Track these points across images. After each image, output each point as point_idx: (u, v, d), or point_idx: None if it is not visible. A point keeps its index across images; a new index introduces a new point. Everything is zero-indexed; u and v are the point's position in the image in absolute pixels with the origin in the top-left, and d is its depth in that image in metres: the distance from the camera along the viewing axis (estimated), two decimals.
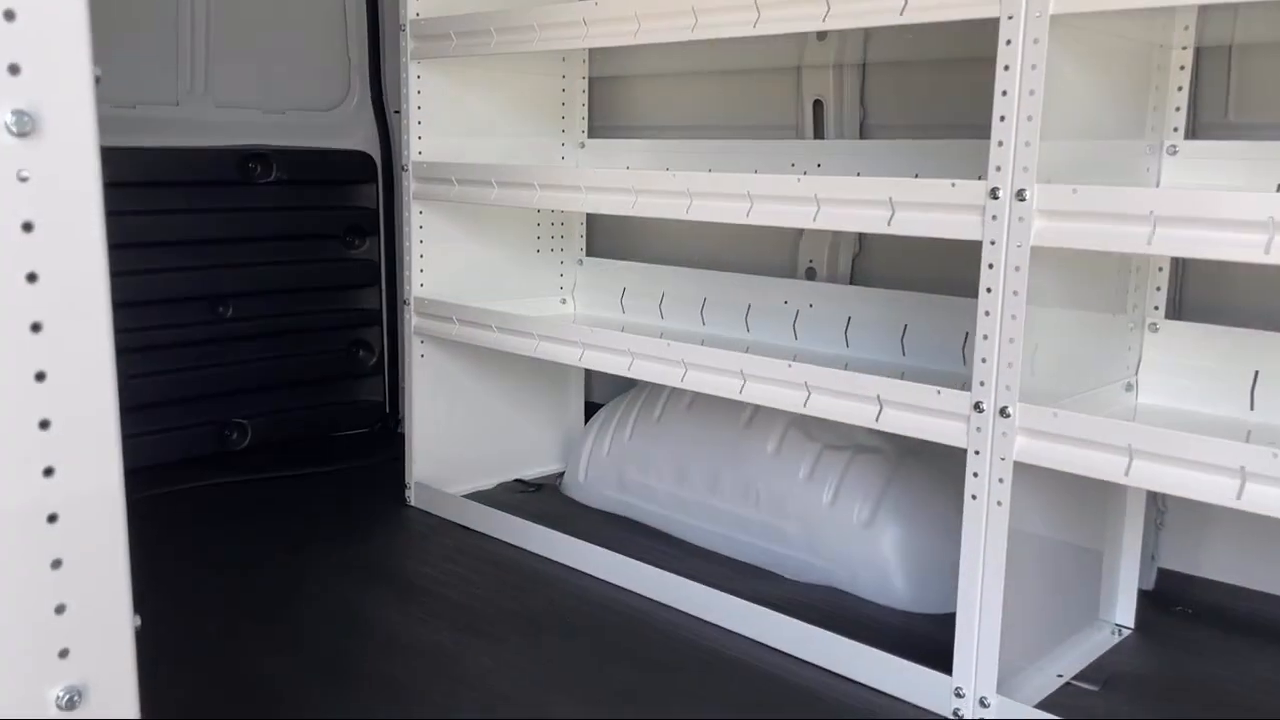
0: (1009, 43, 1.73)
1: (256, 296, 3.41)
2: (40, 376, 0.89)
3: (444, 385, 3.04)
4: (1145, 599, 2.41)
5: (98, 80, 0.89)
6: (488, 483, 3.16)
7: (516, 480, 3.22)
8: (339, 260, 3.62)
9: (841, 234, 2.88)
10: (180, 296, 3.26)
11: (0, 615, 0.88)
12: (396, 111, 3.53)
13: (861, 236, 2.88)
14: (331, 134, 3.61)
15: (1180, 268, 2.34)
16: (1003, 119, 1.75)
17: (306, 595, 2.42)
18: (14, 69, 0.84)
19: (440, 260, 3.00)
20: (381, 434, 3.72)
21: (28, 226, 0.86)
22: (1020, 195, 1.75)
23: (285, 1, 3.48)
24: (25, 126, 0.85)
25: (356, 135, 3.67)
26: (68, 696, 0.91)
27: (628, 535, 2.78)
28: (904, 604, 2.40)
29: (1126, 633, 2.27)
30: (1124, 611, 2.29)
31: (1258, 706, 2.00)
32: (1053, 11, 1.69)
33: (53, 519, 0.90)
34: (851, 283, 2.88)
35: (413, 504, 3.03)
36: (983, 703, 1.89)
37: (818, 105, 2.84)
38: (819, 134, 2.86)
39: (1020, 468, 1.82)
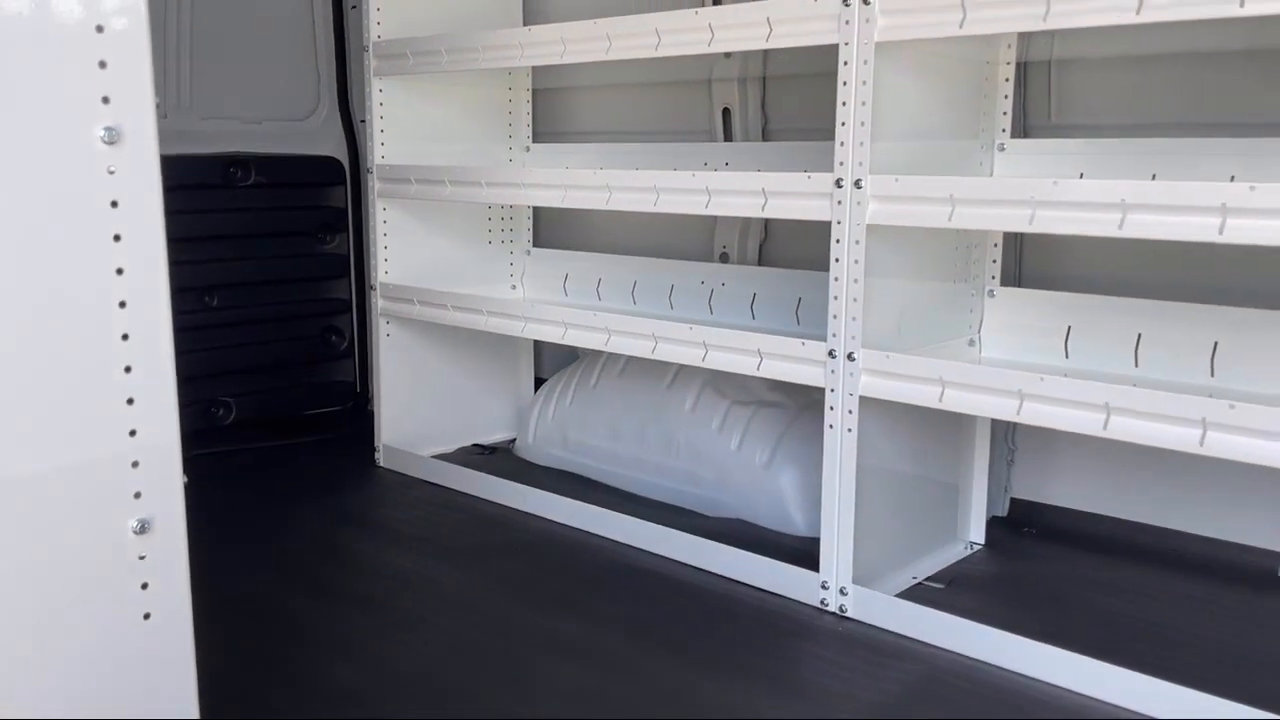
0: (846, 64, 2.19)
1: (239, 288, 3.82)
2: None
3: (408, 361, 3.47)
4: (999, 523, 2.90)
5: (156, 105, 1.32)
6: (448, 447, 3.59)
7: (474, 445, 3.65)
8: (312, 255, 4.03)
9: (750, 222, 3.34)
10: (172, 288, 3.66)
11: (94, 468, 1.31)
12: (362, 121, 3.95)
13: (766, 224, 3.34)
14: (304, 141, 4.02)
15: (1019, 242, 2.81)
16: (844, 124, 2.22)
17: (290, 532, 2.84)
18: (105, 99, 1.27)
19: (403, 251, 3.43)
20: (353, 411, 4.13)
21: (115, 203, 1.29)
22: (858, 184, 2.21)
23: (262, 24, 3.90)
24: (113, 137, 1.27)
25: (326, 142, 4.09)
26: (140, 524, 1.34)
27: (569, 485, 3.21)
28: (798, 530, 2.85)
29: (977, 548, 2.74)
30: (976, 531, 2.76)
31: (1073, 597, 2.47)
32: (878, 40, 2.15)
33: (130, 402, 1.33)
34: (759, 264, 3.34)
35: (381, 464, 3.46)
36: (842, 592, 2.35)
37: (726, 113, 3.30)
38: (728, 137, 3.31)
39: (866, 401, 2.28)
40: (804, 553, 2.51)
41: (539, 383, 3.72)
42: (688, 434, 3.08)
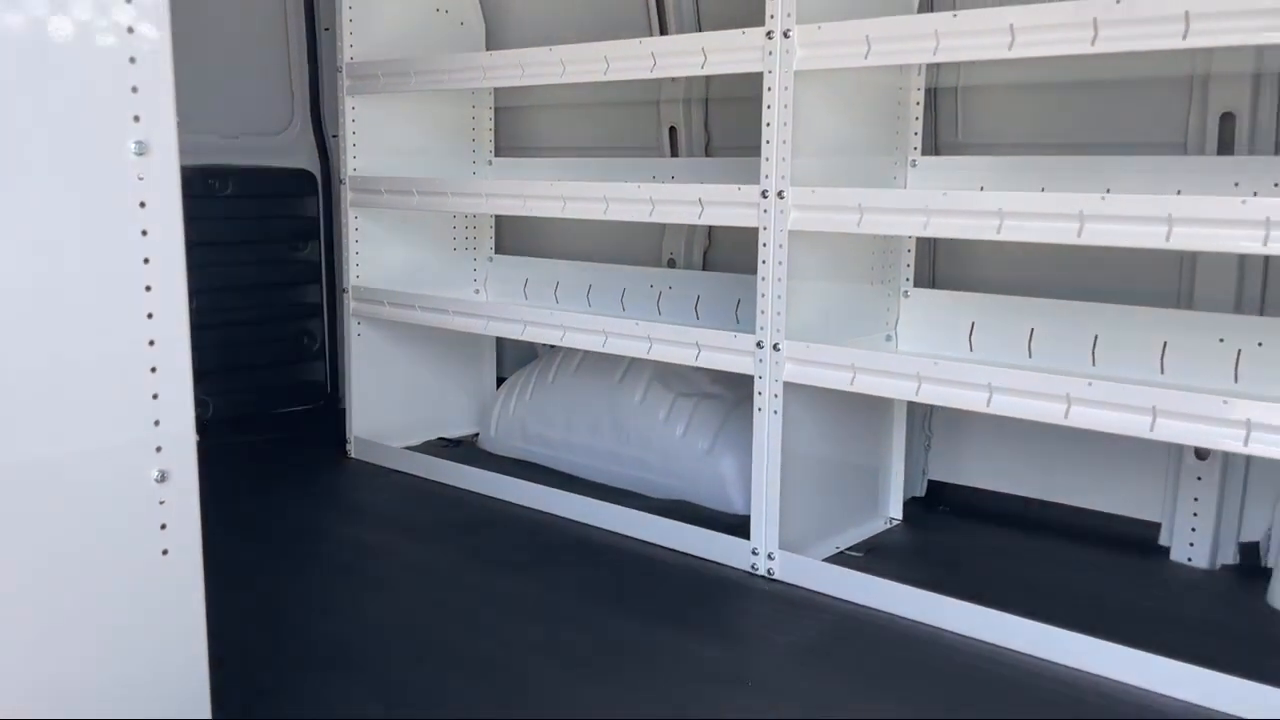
0: (769, 89, 2.50)
1: (218, 292, 4.05)
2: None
3: (378, 360, 3.72)
4: (917, 502, 3.20)
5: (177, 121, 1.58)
6: (416, 441, 3.84)
7: (440, 438, 3.91)
8: (286, 261, 4.27)
9: (695, 230, 3.64)
10: None
11: (125, 425, 1.56)
12: (334, 135, 4.22)
13: (710, 231, 3.64)
14: (279, 154, 4.27)
15: (932, 248, 3.13)
16: (768, 142, 2.52)
17: (269, 513, 3.09)
18: (136, 118, 1.53)
19: (373, 257, 3.68)
20: (323, 409, 4.37)
21: (143, 204, 1.55)
22: (781, 195, 2.51)
23: (239, 45, 4.15)
24: (142, 149, 1.54)
25: (300, 155, 4.34)
26: (160, 473, 1.60)
27: (529, 473, 3.47)
28: (737, 510, 3.13)
29: (895, 523, 3.04)
30: (895, 508, 3.06)
31: (974, 562, 2.78)
32: (797, 68, 2.46)
33: (153, 370, 1.59)
34: (703, 269, 3.64)
35: (353, 455, 3.70)
36: (770, 557, 2.64)
37: (672, 131, 3.60)
38: (674, 153, 3.61)
39: (790, 387, 2.57)
40: (740, 528, 2.80)
41: (500, 381, 3.99)
42: (637, 424, 3.36)
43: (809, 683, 2.15)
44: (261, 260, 4.19)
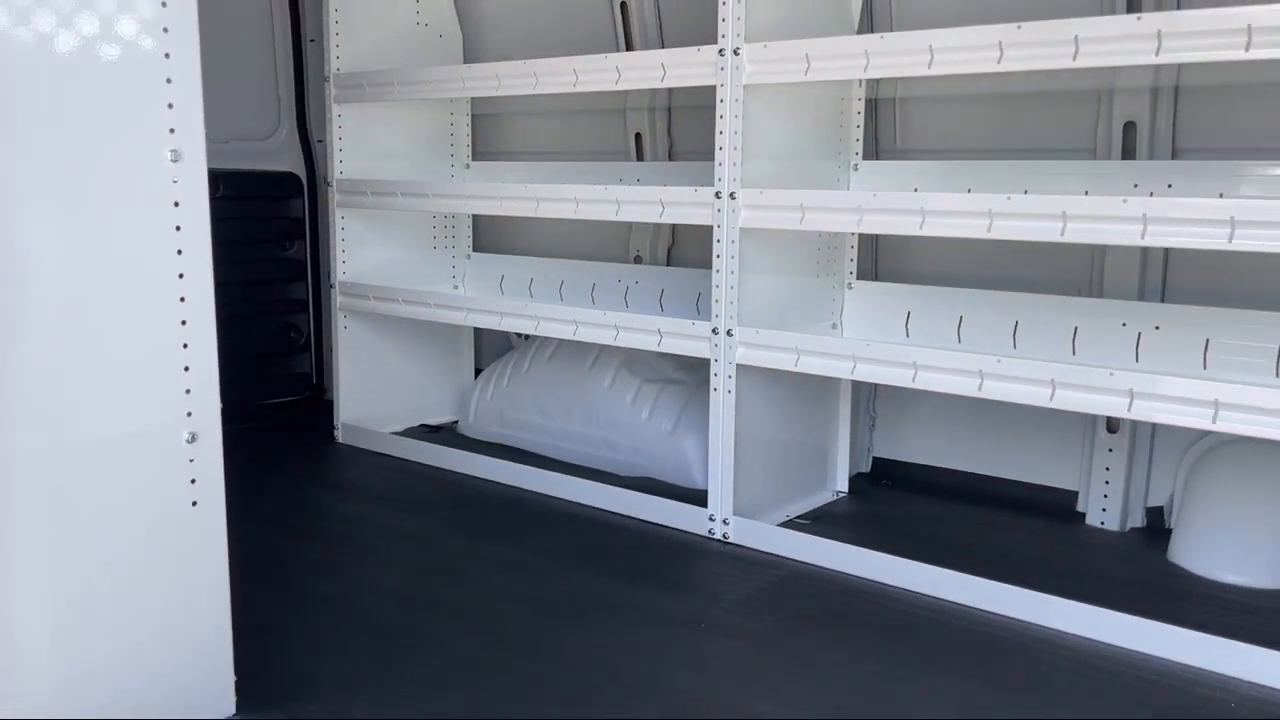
0: (722, 101, 2.78)
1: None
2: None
3: (363, 351, 3.98)
4: (863, 477, 3.50)
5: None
6: (399, 427, 4.09)
7: (422, 425, 4.16)
8: (274, 260, 4.51)
9: (659, 229, 3.92)
10: None
11: (161, 391, 1.82)
12: (319, 140, 4.47)
13: (674, 230, 3.92)
14: (266, 159, 4.51)
15: (874, 244, 3.42)
16: (721, 148, 2.81)
17: (265, 490, 3.33)
18: (172, 130, 1.79)
19: (359, 254, 3.94)
20: (310, 399, 4.61)
21: (176, 203, 1.81)
22: (732, 196, 2.80)
23: (228, 55, 4.38)
24: (176, 156, 1.79)
25: (286, 159, 4.58)
26: (191, 435, 1.86)
27: (507, 455, 3.74)
28: (699, 485, 3.40)
29: (842, 495, 3.34)
30: (841, 482, 3.36)
31: (910, 527, 3.08)
32: (746, 82, 2.75)
33: (185, 346, 1.85)
34: (667, 265, 3.92)
35: (341, 440, 3.95)
36: (725, 522, 2.92)
37: (638, 137, 3.88)
38: (640, 157, 3.89)
39: (742, 369, 2.86)
40: (700, 499, 3.07)
41: (479, 371, 4.25)
42: (606, 408, 3.64)
43: (756, 625, 2.43)
44: (250, 259, 4.42)
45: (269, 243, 4.50)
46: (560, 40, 3.89)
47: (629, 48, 3.78)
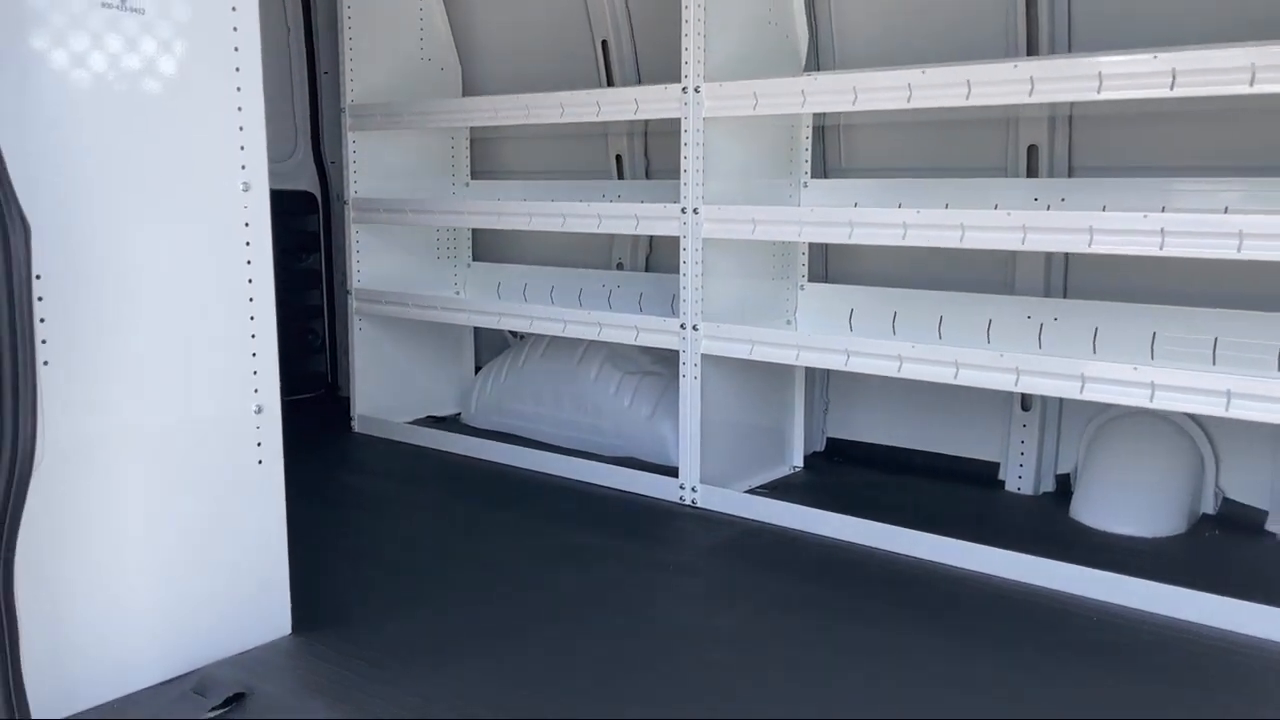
0: (686, 130, 3.28)
1: None
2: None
3: (376, 350, 4.46)
4: (818, 455, 4.00)
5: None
6: (407, 419, 4.58)
7: (428, 416, 4.65)
8: (292, 270, 5.00)
9: (639, 239, 4.42)
10: None
11: (235, 370, 2.30)
12: (333, 162, 4.96)
13: (651, 240, 4.42)
14: (284, 179, 5.00)
15: (825, 250, 3.92)
16: (686, 170, 3.30)
17: (296, 471, 3.78)
18: (243, 166, 2.28)
19: (371, 264, 4.43)
20: (325, 396, 5.09)
21: (247, 224, 2.30)
22: (696, 211, 3.30)
23: None
24: (246, 186, 2.28)
25: (302, 179, 5.07)
26: (258, 407, 2.34)
27: (505, 439, 4.23)
28: (673, 463, 3.89)
29: (798, 470, 3.83)
30: (798, 458, 3.85)
31: (852, 494, 3.57)
32: (705, 115, 3.25)
33: (253, 336, 2.33)
34: (646, 271, 4.42)
35: (356, 430, 4.44)
36: (694, 490, 3.41)
37: (619, 158, 4.38)
38: (620, 176, 4.39)
39: (706, 358, 3.35)
40: (674, 473, 3.56)
41: (479, 367, 4.74)
42: (592, 397, 4.13)
43: (717, 567, 2.93)
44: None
45: (288, 254, 4.98)
46: (548, 72, 4.38)
47: (609, 79, 4.28)
